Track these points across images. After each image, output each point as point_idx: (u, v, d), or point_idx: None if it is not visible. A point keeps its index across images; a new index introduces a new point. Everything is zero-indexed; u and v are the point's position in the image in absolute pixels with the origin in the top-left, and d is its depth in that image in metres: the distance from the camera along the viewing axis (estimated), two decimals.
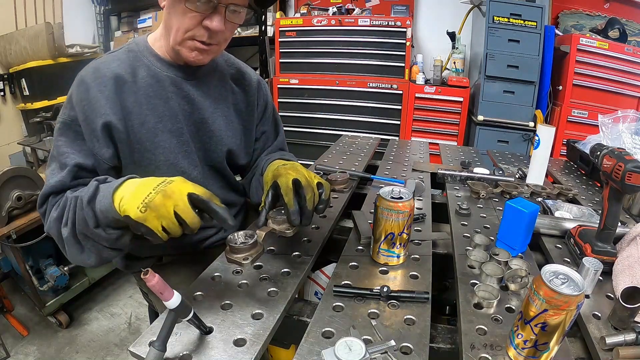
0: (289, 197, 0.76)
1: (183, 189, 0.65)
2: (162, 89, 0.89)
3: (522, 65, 2.46)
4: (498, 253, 0.83)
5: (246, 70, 1.09)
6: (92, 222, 0.70)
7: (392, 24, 2.75)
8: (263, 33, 3.07)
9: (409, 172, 1.45)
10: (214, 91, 0.98)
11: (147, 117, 0.86)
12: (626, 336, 0.62)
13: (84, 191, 0.73)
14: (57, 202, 0.79)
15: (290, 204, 0.76)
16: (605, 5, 2.80)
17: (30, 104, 2.81)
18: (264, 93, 1.11)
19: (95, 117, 0.81)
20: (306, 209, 0.76)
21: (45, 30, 2.59)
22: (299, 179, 0.78)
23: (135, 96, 0.85)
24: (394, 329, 0.65)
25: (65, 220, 0.75)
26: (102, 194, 0.70)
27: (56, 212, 0.77)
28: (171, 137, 0.90)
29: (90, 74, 0.84)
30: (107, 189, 0.69)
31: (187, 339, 0.62)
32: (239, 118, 1.04)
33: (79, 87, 0.83)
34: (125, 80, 0.85)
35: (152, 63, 0.89)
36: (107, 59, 0.88)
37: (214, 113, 0.97)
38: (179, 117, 0.91)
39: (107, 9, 3.64)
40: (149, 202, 0.63)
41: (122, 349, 1.92)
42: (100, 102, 0.81)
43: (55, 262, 1.98)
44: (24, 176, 1.78)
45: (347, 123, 3.01)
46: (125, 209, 0.64)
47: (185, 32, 0.81)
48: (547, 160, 1.31)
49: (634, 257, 0.79)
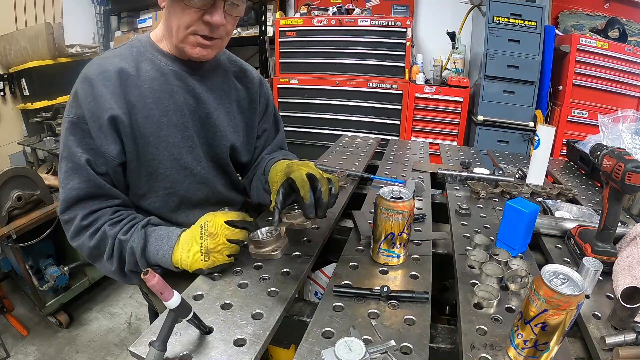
0: (305, 189, 0.78)
1: (219, 221, 0.78)
2: (167, 83, 0.89)
3: (522, 65, 2.46)
4: (498, 253, 0.83)
5: (248, 68, 1.10)
6: (144, 267, 0.77)
7: (392, 24, 2.74)
8: (263, 33, 3.07)
9: (409, 172, 1.45)
10: (217, 87, 0.98)
11: (152, 110, 0.86)
12: (626, 336, 0.62)
13: (132, 238, 0.81)
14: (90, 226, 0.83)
15: (306, 196, 0.78)
16: (605, 5, 2.80)
17: (30, 104, 2.81)
18: (265, 91, 1.11)
19: (102, 112, 0.81)
20: (322, 200, 0.79)
21: (45, 30, 2.59)
22: (312, 173, 0.81)
23: (140, 90, 0.85)
24: (394, 329, 0.65)
25: (110, 255, 0.83)
26: (155, 247, 0.81)
27: (93, 242, 0.82)
28: (176, 132, 0.90)
29: (94, 70, 0.84)
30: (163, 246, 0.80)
31: (187, 339, 0.62)
32: (242, 115, 1.05)
33: (83, 84, 0.83)
34: (129, 74, 0.85)
35: (156, 57, 0.90)
36: (109, 54, 0.89)
37: (217, 109, 0.97)
38: (184, 111, 0.91)
39: (107, 9, 3.64)
40: (205, 250, 0.75)
41: (122, 349, 1.92)
42: (105, 97, 0.82)
43: (55, 262, 1.98)
44: (24, 176, 1.78)
45: (347, 123, 3.01)
46: (192, 266, 0.77)
47: (187, 29, 0.82)
48: (547, 160, 1.31)
49: (634, 257, 0.79)
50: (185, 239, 0.79)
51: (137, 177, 0.90)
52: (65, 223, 0.85)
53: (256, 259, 0.83)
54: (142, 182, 0.90)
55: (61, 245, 2.07)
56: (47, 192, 1.86)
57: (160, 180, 0.91)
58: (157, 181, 0.91)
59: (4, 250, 1.96)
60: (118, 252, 0.82)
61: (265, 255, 0.80)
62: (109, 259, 0.84)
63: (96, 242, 0.82)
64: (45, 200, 1.86)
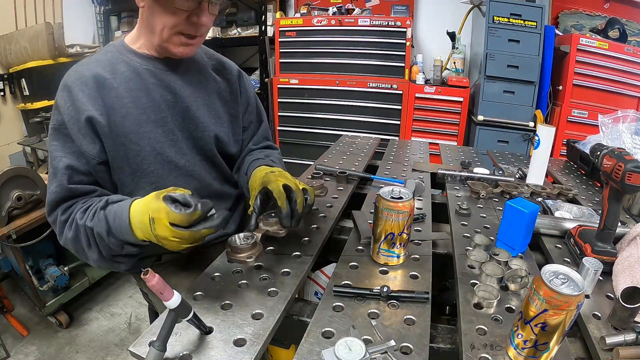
0: (282, 200, 0.82)
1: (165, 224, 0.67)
2: (143, 82, 0.91)
3: (522, 65, 2.46)
4: (498, 253, 0.83)
5: (226, 61, 1.12)
6: (119, 248, 0.78)
7: (392, 24, 2.75)
8: (263, 33, 3.07)
9: (409, 172, 1.45)
10: (194, 80, 1.00)
11: (130, 109, 0.88)
12: (626, 336, 0.62)
13: (95, 223, 0.79)
14: (68, 219, 0.84)
15: (284, 207, 0.81)
16: (605, 5, 2.80)
17: (30, 104, 2.81)
18: (245, 83, 1.13)
19: (79, 115, 0.84)
20: (297, 211, 0.82)
21: (45, 30, 2.59)
22: (288, 184, 0.84)
23: (116, 91, 0.88)
24: (394, 329, 0.65)
25: (87, 244, 0.82)
26: (116, 224, 0.76)
27: (71, 233, 0.83)
28: (155, 127, 0.91)
29: (72, 77, 0.87)
30: (120, 221, 0.75)
31: (187, 339, 0.62)
32: (225, 106, 1.06)
33: (62, 92, 0.86)
34: (105, 78, 0.87)
35: (130, 59, 0.92)
36: (86, 61, 0.91)
37: (196, 101, 0.99)
38: (162, 107, 0.92)
39: (107, 9, 3.64)
40: (161, 243, 0.70)
41: (122, 349, 1.92)
42: (82, 101, 0.84)
43: (55, 262, 1.98)
44: (24, 176, 1.78)
45: (347, 123, 3.01)
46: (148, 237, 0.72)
47: (172, 29, 0.84)
48: (547, 160, 1.31)
49: (634, 257, 0.79)
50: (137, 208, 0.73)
51: (122, 175, 0.91)
52: (52, 225, 0.88)
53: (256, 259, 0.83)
54: (127, 180, 0.92)
55: (61, 245, 2.06)
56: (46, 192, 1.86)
57: (145, 176, 0.92)
58: (142, 177, 0.92)
59: (4, 250, 1.96)
60: (93, 240, 0.81)
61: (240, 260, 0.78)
62: (89, 248, 0.83)
63: (73, 233, 0.83)
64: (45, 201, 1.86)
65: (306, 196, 0.85)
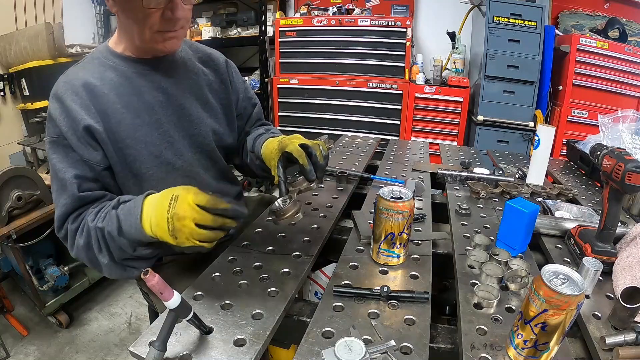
0: (303, 158, 0.87)
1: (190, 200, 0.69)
2: (132, 86, 0.90)
3: (522, 65, 2.46)
4: (498, 253, 0.83)
5: (213, 52, 1.12)
6: (130, 249, 0.78)
7: (392, 24, 2.74)
8: (263, 33, 3.07)
9: (409, 172, 1.45)
10: (183, 76, 0.99)
11: (123, 115, 0.88)
12: (626, 336, 0.62)
13: (107, 222, 0.78)
14: (79, 227, 0.83)
15: (305, 163, 0.86)
16: (605, 5, 2.80)
17: (30, 104, 2.81)
18: (232, 71, 1.13)
19: (76, 124, 0.83)
20: (319, 164, 0.88)
21: (45, 30, 2.59)
22: (304, 142, 0.89)
23: (107, 98, 0.87)
24: (394, 329, 0.65)
25: (99, 248, 0.81)
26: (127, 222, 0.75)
27: (82, 240, 0.82)
28: (151, 130, 0.91)
29: (61, 87, 0.86)
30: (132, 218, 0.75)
31: (187, 339, 0.62)
32: (216, 97, 1.06)
33: (54, 103, 0.86)
34: (94, 85, 0.87)
35: (117, 64, 0.91)
36: (73, 70, 0.91)
37: (188, 98, 0.98)
38: (155, 108, 0.92)
39: (107, 9, 3.63)
40: (173, 230, 0.69)
41: (122, 349, 1.91)
42: (76, 110, 0.84)
43: (55, 262, 1.98)
44: (24, 176, 1.78)
45: (347, 123, 3.01)
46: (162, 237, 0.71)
47: (151, 29, 0.83)
48: (547, 160, 1.31)
49: (634, 257, 0.79)
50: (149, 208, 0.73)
51: (126, 181, 0.91)
52: (63, 239, 0.87)
53: (256, 259, 0.84)
54: (131, 186, 0.92)
55: (61, 245, 2.05)
56: (47, 192, 1.85)
57: (146, 181, 0.92)
58: (144, 182, 0.92)
59: (4, 250, 1.96)
60: (104, 242, 0.80)
61: (290, 219, 0.84)
62: (100, 252, 0.81)
63: (85, 239, 0.82)
64: (45, 200, 1.86)
65: (321, 149, 0.90)
